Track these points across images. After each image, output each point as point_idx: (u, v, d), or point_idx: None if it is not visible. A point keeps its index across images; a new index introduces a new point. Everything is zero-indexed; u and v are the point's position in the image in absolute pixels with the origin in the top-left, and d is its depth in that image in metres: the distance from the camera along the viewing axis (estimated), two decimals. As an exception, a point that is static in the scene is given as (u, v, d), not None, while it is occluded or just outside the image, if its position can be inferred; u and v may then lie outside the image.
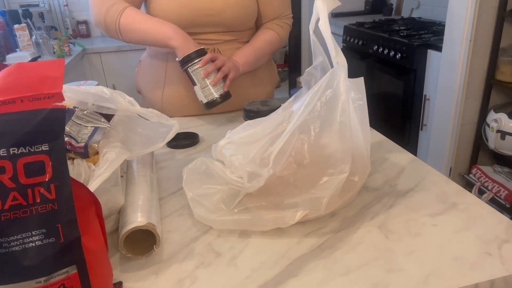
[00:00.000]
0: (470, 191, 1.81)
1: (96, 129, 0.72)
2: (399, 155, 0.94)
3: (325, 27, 0.67)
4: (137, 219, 0.62)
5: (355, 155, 0.69)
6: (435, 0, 3.00)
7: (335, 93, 0.66)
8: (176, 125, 0.76)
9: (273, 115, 0.77)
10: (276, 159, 0.65)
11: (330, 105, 0.67)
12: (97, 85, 1.00)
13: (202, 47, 1.08)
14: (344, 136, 0.67)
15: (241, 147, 0.71)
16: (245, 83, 1.25)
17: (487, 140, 2.03)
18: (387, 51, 2.53)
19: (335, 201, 0.69)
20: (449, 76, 2.10)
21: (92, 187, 0.60)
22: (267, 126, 0.73)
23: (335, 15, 3.27)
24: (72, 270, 0.47)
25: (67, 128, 0.69)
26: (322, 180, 0.67)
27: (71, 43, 2.82)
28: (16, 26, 2.48)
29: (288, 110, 0.74)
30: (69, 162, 0.68)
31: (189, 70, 1.07)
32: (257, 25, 1.27)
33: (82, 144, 0.69)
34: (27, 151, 0.43)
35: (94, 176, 0.63)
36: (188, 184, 0.72)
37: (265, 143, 0.69)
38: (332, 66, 0.69)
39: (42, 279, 0.45)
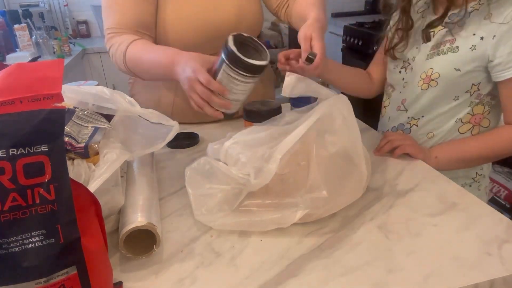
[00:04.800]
0: (470, 191, 1.81)
1: (96, 129, 0.72)
2: (399, 155, 0.94)
3: None
4: (137, 219, 0.62)
5: (352, 156, 0.69)
6: (435, 0, 2.99)
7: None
8: (176, 126, 0.76)
9: (277, 126, 0.77)
10: (282, 159, 0.65)
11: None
12: (97, 85, 1.00)
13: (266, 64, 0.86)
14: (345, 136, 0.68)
15: (248, 148, 0.71)
16: None
17: (487, 140, 2.03)
18: (387, 50, 2.53)
19: (336, 202, 0.69)
20: (449, 76, 2.10)
21: (93, 187, 0.60)
22: (271, 134, 0.73)
23: (335, 15, 3.26)
24: (72, 271, 0.47)
25: (67, 129, 0.69)
26: (322, 180, 0.67)
27: (71, 43, 2.81)
28: (16, 26, 2.48)
29: (293, 124, 0.74)
30: (69, 162, 0.68)
31: (226, 70, 0.82)
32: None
33: (83, 145, 0.69)
34: (26, 152, 0.43)
35: (95, 176, 0.63)
36: (191, 183, 0.72)
37: (272, 145, 0.70)
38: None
39: (42, 280, 0.45)
